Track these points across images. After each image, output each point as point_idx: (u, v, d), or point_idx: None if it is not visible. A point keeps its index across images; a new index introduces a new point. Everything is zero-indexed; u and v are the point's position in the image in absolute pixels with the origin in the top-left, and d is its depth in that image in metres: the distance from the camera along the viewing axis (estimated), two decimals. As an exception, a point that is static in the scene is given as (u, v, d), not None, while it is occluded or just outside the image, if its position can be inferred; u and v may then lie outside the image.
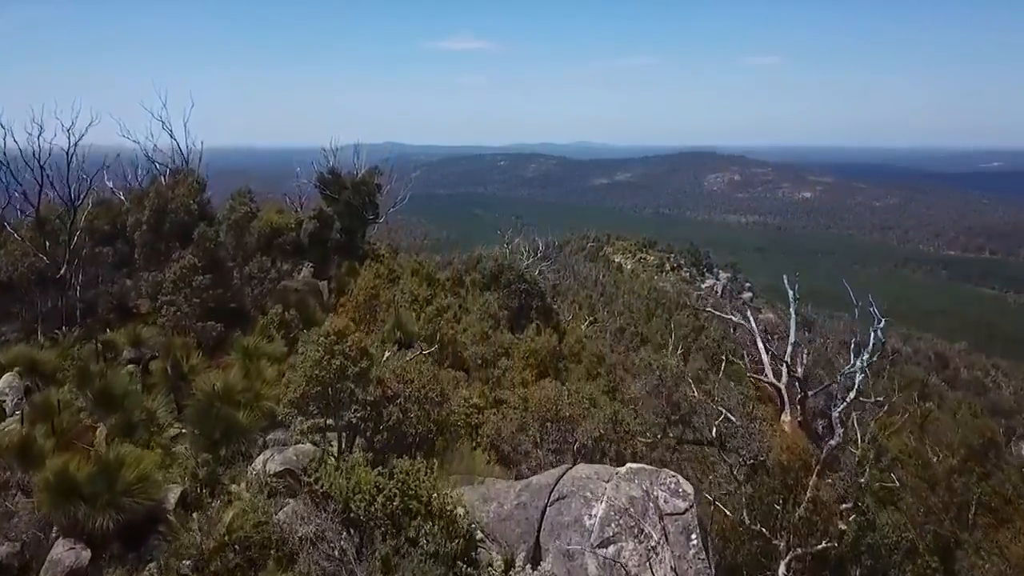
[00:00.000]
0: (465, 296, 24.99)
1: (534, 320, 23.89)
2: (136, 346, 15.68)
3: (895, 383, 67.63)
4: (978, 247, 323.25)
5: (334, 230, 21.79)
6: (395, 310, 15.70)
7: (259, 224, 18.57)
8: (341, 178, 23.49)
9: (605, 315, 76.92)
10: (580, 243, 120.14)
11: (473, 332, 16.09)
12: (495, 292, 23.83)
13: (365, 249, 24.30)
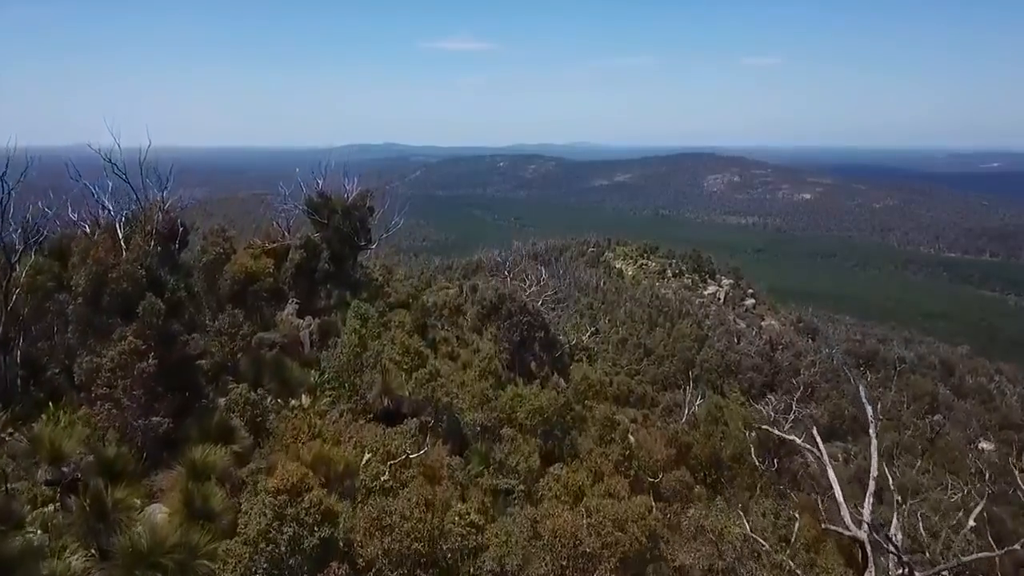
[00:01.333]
0: (464, 328, 23.52)
1: (537, 353, 22.54)
2: (56, 462, 12.11)
3: (904, 395, 67.06)
4: (979, 249, 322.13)
5: (322, 260, 20.24)
6: (383, 374, 14.02)
7: (233, 269, 16.60)
8: (331, 201, 22.00)
9: (606, 324, 75.85)
10: (580, 248, 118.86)
11: (471, 392, 14.12)
12: (495, 324, 22.29)
13: (357, 276, 22.89)
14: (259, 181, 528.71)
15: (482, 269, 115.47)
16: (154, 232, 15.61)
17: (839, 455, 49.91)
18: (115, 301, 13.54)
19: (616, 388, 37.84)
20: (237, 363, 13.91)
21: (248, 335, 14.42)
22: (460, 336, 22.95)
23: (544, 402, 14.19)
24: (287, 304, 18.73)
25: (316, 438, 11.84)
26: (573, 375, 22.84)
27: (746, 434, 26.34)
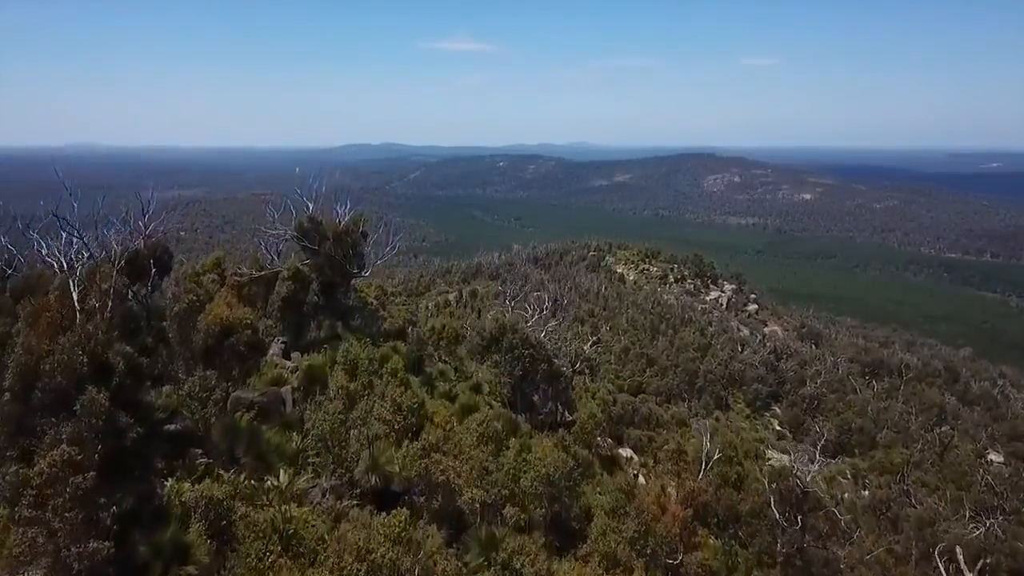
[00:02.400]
0: (463, 362, 22.19)
1: (539, 385, 21.22)
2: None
3: (912, 406, 65.86)
4: (979, 250, 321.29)
5: (311, 292, 18.82)
6: (370, 446, 12.53)
7: (207, 321, 14.84)
8: (322, 226, 20.60)
9: (608, 332, 74.65)
10: (581, 252, 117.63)
11: (470, 463, 12.53)
12: (495, 357, 20.97)
13: (350, 302, 21.55)
14: (258, 181, 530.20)
15: (482, 273, 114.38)
16: (111, 291, 13.46)
17: (847, 472, 48.67)
18: (48, 397, 10.62)
19: (620, 408, 36.73)
20: (209, 432, 12.34)
21: (220, 400, 12.88)
22: (459, 367, 21.68)
23: (551, 467, 12.86)
24: (272, 343, 17.38)
25: (288, 550, 10.30)
26: (579, 412, 21.55)
27: (767, 485, 24.81)
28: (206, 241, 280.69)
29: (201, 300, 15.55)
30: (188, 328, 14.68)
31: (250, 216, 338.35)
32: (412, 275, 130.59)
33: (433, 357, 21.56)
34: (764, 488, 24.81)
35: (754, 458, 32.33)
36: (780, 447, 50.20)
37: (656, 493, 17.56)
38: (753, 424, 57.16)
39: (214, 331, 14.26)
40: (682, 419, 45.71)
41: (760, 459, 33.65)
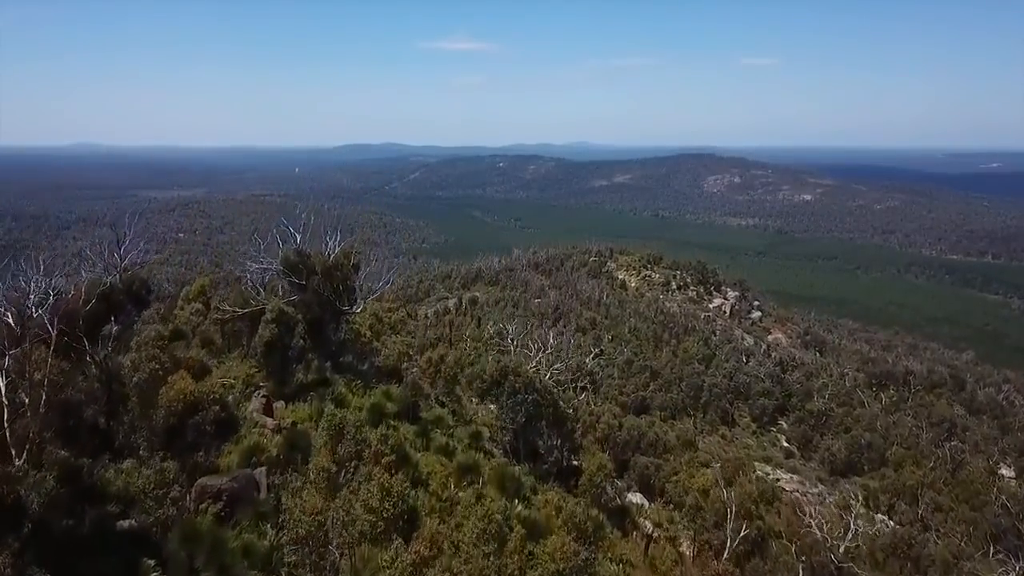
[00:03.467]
0: (461, 402, 20.72)
1: (544, 431, 19.73)
2: None
3: (920, 420, 64.48)
4: (980, 251, 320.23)
5: (296, 335, 17.23)
6: (351, 560, 10.86)
7: (168, 397, 13.01)
8: (310, 260, 19.07)
9: (610, 342, 73.35)
10: (582, 258, 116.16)
11: (471, 566, 10.86)
12: (496, 400, 19.51)
13: (342, 335, 20.07)
14: (258, 181, 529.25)
15: (482, 278, 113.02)
16: (44, 381, 11.34)
17: (858, 493, 47.19)
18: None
19: (627, 434, 35.33)
20: (166, 535, 10.69)
21: (180, 497, 11.27)
22: (458, 408, 20.23)
23: (561, 564, 11.45)
24: (253, 397, 15.90)
25: None
26: (587, 463, 20.09)
27: (795, 557, 22.97)
28: (204, 243, 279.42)
29: (165, 367, 13.96)
30: (151, 400, 13.18)
31: (249, 217, 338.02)
32: (411, 280, 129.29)
33: (430, 398, 20.15)
34: (793, 561, 23.01)
35: (770, 502, 30.82)
36: (789, 466, 48.83)
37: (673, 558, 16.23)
38: (760, 441, 55.81)
39: (177, 408, 12.78)
40: (689, 439, 44.28)
41: (777, 500, 32.09)
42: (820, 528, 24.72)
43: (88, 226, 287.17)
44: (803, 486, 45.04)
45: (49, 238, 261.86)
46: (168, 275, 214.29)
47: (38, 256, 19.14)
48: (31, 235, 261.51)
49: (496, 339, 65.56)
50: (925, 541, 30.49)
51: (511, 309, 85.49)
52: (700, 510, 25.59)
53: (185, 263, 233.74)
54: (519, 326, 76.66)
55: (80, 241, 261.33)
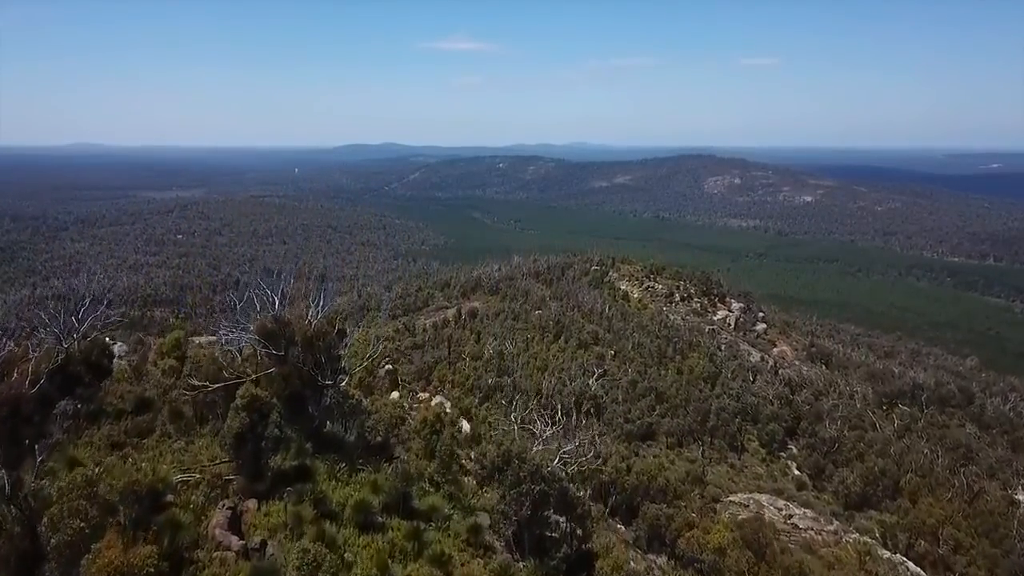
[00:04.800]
0: (459, 485, 18.59)
1: (551, 520, 17.63)
2: None
3: (935, 445, 62.55)
4: (982, 254, 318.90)
5: (271, 424, 14.98)
6: None
7: (94, 570, 10.16)
8: (289, 328, 16.88)
9: (613, 359, 71.37)
10: (583, 267, 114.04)
11: None
12: (498, 489, 17.36)
13: (328, 401, 17.96)
14: (257, 182, 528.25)
15: (482, 287, 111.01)
16: None
17: (876, 530, 45.26)
18: None
19: (635, 479, 33.38)
20: None
21: None
22: (456, 492, 18.10)
23: None
24: (218, 510, 13.70)
25: None
26: (601, 566, 18.08)
27: None
28: (203, 245, 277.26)
29: (92, 523, 11.55)
30: (72, 569, 10.92)
31: (248, 219, 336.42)
32: (410, 287, 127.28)
33: (424, 477, 18.06)
34: None
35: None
36: (801, 499, 46.85)
37: None
38: (770, 470, 53.81)
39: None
40: (698, 476, 42.34)
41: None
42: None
43: (86, 227, 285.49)
44: (817, 523, 42.95)
45: (47, 240, 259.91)
46: (166, 278, 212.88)
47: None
48: (28, 237, 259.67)
49: (496, 359, 63.79)
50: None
51: (511, 322, 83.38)
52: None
53: (183, 265, 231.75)
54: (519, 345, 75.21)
55: (79, 243, 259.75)
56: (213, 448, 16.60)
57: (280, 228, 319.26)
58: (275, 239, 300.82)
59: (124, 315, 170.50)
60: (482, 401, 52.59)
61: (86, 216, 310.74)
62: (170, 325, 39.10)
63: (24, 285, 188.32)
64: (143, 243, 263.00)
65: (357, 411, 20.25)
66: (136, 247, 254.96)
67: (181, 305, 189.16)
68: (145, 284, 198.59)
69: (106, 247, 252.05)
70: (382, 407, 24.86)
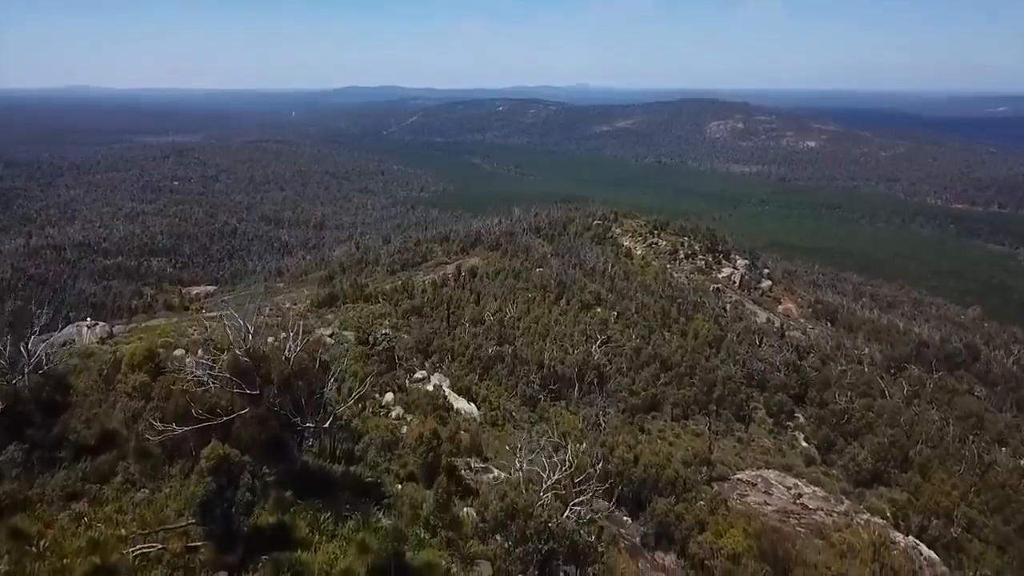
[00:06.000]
0: (459, 530, 16.72)
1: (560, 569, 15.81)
2: None
3: (945, 413, 61.29)
4: (987, 200, 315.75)
5: (242, 487, 12.94)
6: None
7: None
8: (264, 364, 14.78)
9: (616, 323, 69.64)
10: (585, 221, 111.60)
11: None
12: (501, 544, 15.44)
13: (314, 429, 16.06)
14: (254, 127, 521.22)
15: (481, 242, 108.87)
16: None
17: (887, 510, 44.02)
18: None
19: (642, 471, 31.88)
20: None
21: None
22: (454, 537, 16.29)
23: None
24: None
25: None
26: None
27: None
28: (200, 192, 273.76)
29: None
30: None
31: (245, 165, 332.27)
32: (408, 241, 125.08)
33: (419, 525, 16.28)
34: None
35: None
36: (811, 476, 45.54)
37: None
38: (777, 443, 52.41)
39: None
40: (705, 458, 40.94)
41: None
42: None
43: (81, 174, 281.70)
44: (828, 503, 41.70)
45: (42, 187, 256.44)
46: (163, 227, 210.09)
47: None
48: (23, 183, 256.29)
49: (496, 326, 61.93)
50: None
51: (512, 281, 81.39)
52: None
53: (180, 213, 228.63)
54: (520, 307, 73.40)
55: (74, 190, 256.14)
56: (183, 496, 14.82)
57: (278, 174, 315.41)
58: (272, 185, 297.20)
59: (121, 265, 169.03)
60: (483, 374, 51.03)
61: (81, 162, 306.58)
62: (150, 329, 36.66)
63: (19, 234, 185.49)
64: (139, 190, 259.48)
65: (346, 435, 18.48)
66: (132, 194, 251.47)
67: (179, 255, 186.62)
68: (142, 233, 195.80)
69: (101, 194, 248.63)
70: (373, 428, 23.09)
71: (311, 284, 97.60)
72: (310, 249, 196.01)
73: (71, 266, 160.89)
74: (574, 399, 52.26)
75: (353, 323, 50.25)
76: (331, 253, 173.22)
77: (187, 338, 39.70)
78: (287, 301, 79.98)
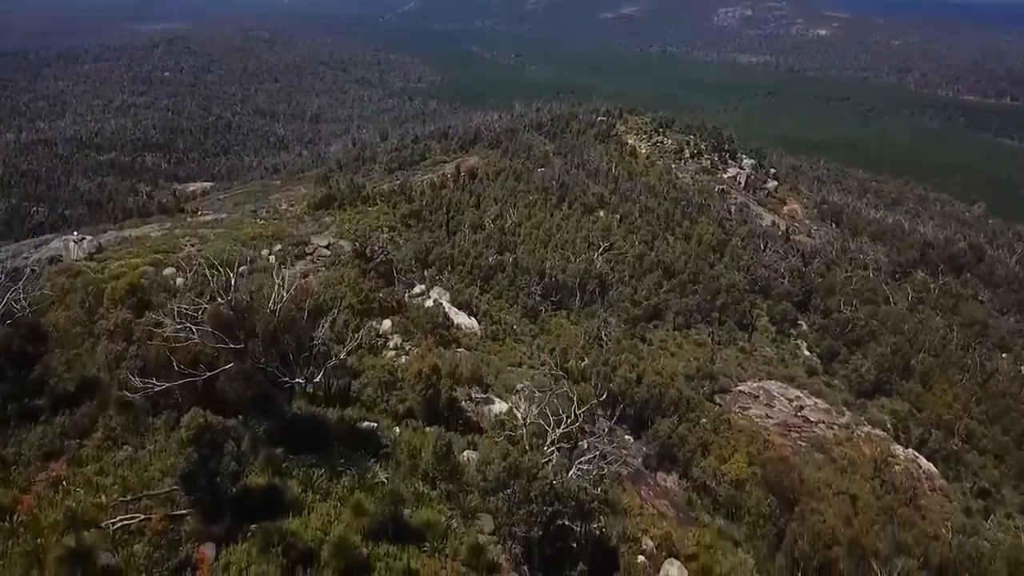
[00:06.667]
0: (460, 481, 15.70)
1: (571, 550, 14.78)
2: None
3: (951, 322, 60.71)
4: (999, 92, 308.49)
5: (226, 457, 11.77)
6: None
7: None
8: (248, 315, 13.49)
9: (619, 227, 68.34)
10: (588, 118, 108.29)
11: None
12: (502, 504, 14.33)
13: (301, 388, 15.10)
14: (246, 15, 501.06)
15: (481, 139, 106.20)
16: None
17: (888, 422, 43.97)
18: None
19: (646, 391, 31.37)
20: None
21: None
22: (454, 489, 15.53)
23: None
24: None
25: None
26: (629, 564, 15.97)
27: None
28: (191, 83, 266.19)
29: None
30: None
31: (237, 55, 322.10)
32: (405, 139, 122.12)
33: (418, 484, 15.42)
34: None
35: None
36: (813, 387, 45.28)
37: None
38: (780, 352, 51.98)
39: None
40: (708, 372, 40.52)
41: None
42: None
43: (69, 65, 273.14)
44: (829, 415, 41.63)
45: (29, 78, 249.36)
46: (156, 121, 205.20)
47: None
48: (10, 74, 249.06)
49: (497, 234, 60.51)
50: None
51: (512, 183, 79.48)
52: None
53: (172, 106, 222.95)
54: (521, 212, 71.84)
55: (62, 82, 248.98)
56: (168, 454, 14.07)
57: (271, 65, 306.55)
58: (266, 76, 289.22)
59: (114, 161, 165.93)
60: (483, 285, 50.10)
61: (68, 52, 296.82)
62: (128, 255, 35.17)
63: (9, 127, 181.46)
64: (129, 82, 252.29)
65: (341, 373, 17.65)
66: (122, 86, 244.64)
67: (173, 150, 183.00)
68: (134, 127, 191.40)
69: (91, 86, 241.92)
70: (370, 368, 22.22)
71: (308, 182, 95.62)
72: (306, 144, 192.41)
73: (64, 162, 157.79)
74: (575, 309, 51.53)
75: (351, 234, 48.94)
76: (328, 149, 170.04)
77: (179, 252, 38.66)
78: (283, 201, 78.54)
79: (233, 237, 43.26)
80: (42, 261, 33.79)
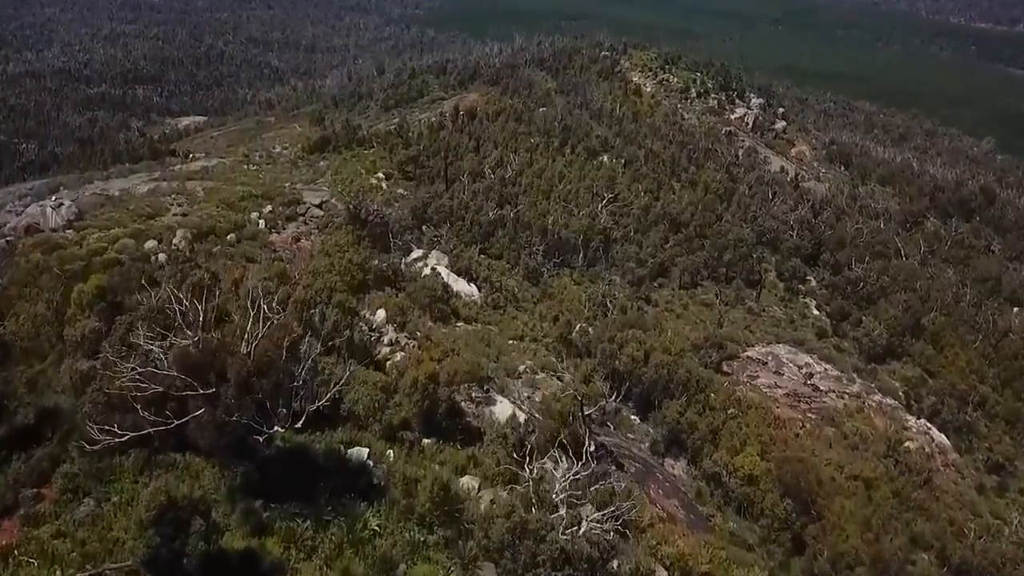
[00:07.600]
0: (456, 544, 14.22)
1: None
2: None
3: (964, 277, 59.11)
4: (1012, 19, 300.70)
5: (192, 534, 10.20)
6: None
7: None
8: (218, 357, 11.70)
9: (624, 176, 66.16)
10: (592, 53, 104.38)
11: None
12: (507, 565, 12.95)
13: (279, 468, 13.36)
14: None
15: (480, 76, 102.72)
16: None
17: (899, 390, 42.80)
18: None
19: (654, 372, 30.07)
20: None
21: None
22: (453, 535, 14.10)
23: None
24: None
25: None
26: None
27: None
28: (182, 11, 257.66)
29: None
30: None
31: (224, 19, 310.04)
32: (403, 74, 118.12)
33: (413, 531, 14.06)
34: None
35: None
36: (822, 352, 43.96)
37: None
38: (789, 313, 50.48)
39: None
40: (716, 342, 39.04)
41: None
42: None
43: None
44: (839, 383, 40.43)
45: (14, 4, 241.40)
46: (146, 51, 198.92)
47: None
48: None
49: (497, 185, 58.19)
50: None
51: (513, 124, 76.85)
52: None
53: (162, 35, 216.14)
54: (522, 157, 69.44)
55: (48, 9, 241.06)
56: (135, 505, 12.65)
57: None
58: (259, 3, 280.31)
59: (105, 95, 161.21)
60: (483, 242, 48.20)
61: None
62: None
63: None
64: (117, 9, 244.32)
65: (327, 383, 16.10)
66: (110, 13, 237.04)
67: (164, 82, 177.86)
68: (124, 58, 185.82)
69: (78, 13, 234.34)
70: (360, 384, 20.49)
71: (303, 120, 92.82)
72: (301, 76, 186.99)
73: (53, 95, 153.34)
74: (579, 267, 49.88)
75: (345, 195, 46.97)
76: (323, 82, 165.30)
77: (164, 216, 36.83)
78: (277, 143, 76.16)
79: (220, 200, 41.17)
80: (18, 229, 32.06)
